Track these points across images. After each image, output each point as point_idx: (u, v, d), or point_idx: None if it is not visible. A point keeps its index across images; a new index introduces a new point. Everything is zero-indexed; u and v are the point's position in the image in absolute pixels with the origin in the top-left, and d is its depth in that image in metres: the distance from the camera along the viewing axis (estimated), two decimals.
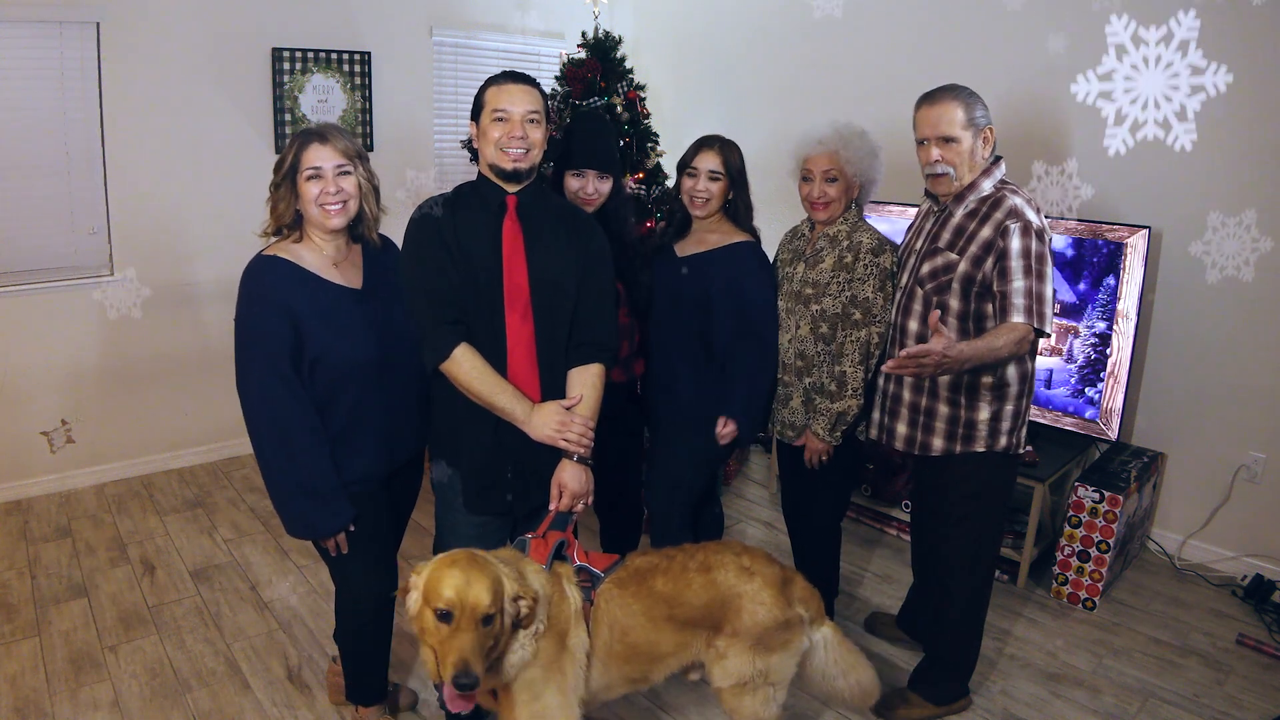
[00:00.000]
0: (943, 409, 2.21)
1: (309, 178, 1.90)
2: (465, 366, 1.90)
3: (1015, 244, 2.03)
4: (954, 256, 2.13)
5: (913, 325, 2.24)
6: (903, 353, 1.88)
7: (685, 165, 2.44)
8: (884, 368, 2.04)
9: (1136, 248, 3.04)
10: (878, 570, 3.28)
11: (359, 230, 2.02)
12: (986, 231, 2.08)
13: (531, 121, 1.92)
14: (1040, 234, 2.06)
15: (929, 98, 2.15)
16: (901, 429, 2.31)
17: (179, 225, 3.83)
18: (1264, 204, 2.94)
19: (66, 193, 3.59)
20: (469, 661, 1.53)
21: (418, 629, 1.66)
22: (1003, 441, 2.20)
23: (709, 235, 2.45)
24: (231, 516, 3.57)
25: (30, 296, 3.54)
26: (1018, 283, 2.03)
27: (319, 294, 1.92)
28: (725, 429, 2.39)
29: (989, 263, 2.07)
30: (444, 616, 1.58)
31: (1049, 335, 2.12)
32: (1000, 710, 2.47)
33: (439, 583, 1.60)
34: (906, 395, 2.28)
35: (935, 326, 1.91)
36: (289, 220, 1.95)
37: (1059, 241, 3.20)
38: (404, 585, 1.68)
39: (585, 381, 1.99)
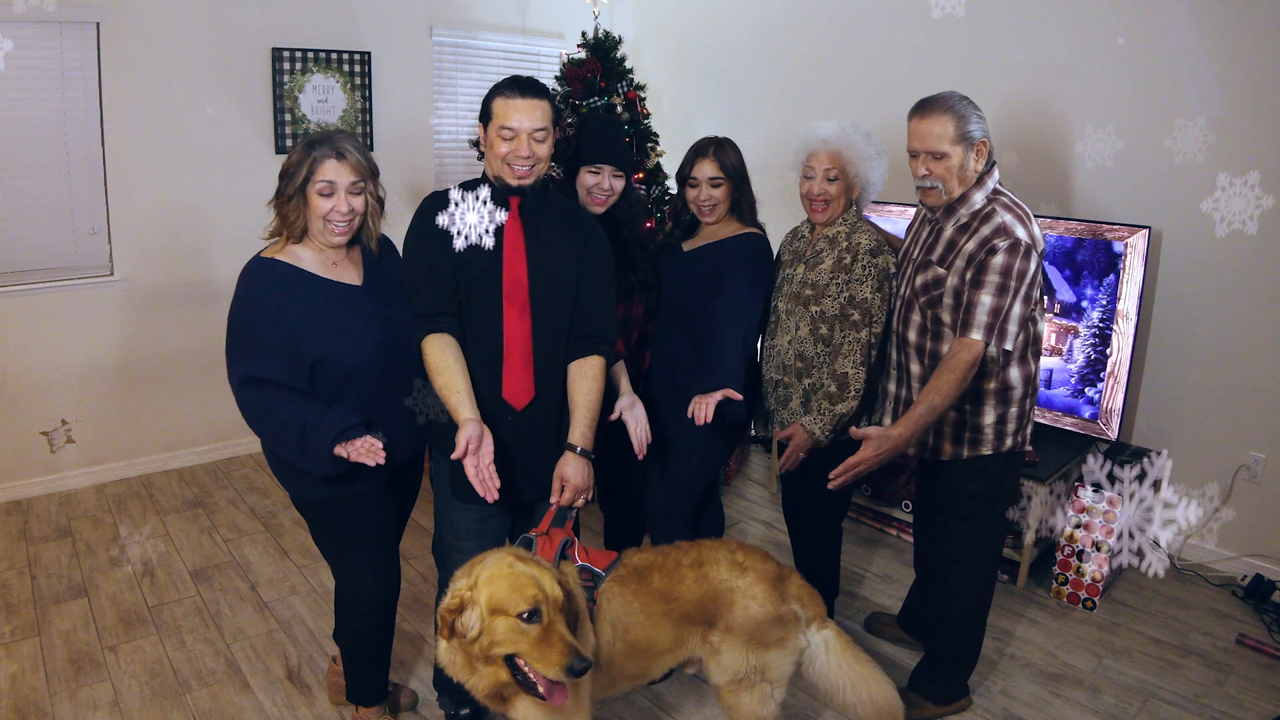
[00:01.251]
0: (951, 413, 2.20)
1: (321, 192, 1.88)
2: (429, 359, 1.90)
3: (998, 260, 2.01)
4: (942, 271, 2.13)
5: (912, 336, 2.24)
6: (839, 473, 2.00)
7: (685, 176, 2.45)
8: (779, 467, 2.17)
9: (1136, 248, 3.04)
10: (878, 570, 3.27)
11: (358, 237, 2.01)
12: (971, 246, 2.07)
13: (538, 139, 1.92)
14: (1028, 252, 2.03)
15: (921, 108, 2.11)
16: None
17: (179, 225, 3.83)
18: None
19: (66, 193, 3.58)
20: (577, 646, 1.52)
21: (483, 645, 1.57)
22: (1009, 443, 2.20)
23: (718, 231, 2.47)
24: (231, 516, 3.57)
25: (30, 296, 3.54)
26: (985, 298, 2.01)
27: (317, 294, 1.92)
28: (699, 408, 2.20)
29: (969, 274, 2.06)
30: (532, 616, 1.55)
31: (1009, 352, 2.09)
32: (1000, 710, 2.47)
33: (513, 586, 1.55)
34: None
35: (857, 434, 1.99)
36: (299, 231, 1.94)
37: (1059, 242, 3.20)
38: (452, 606, 1.59)
39: (587, 374, 1.99)
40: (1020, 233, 2.04)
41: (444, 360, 1.89)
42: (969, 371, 2.00)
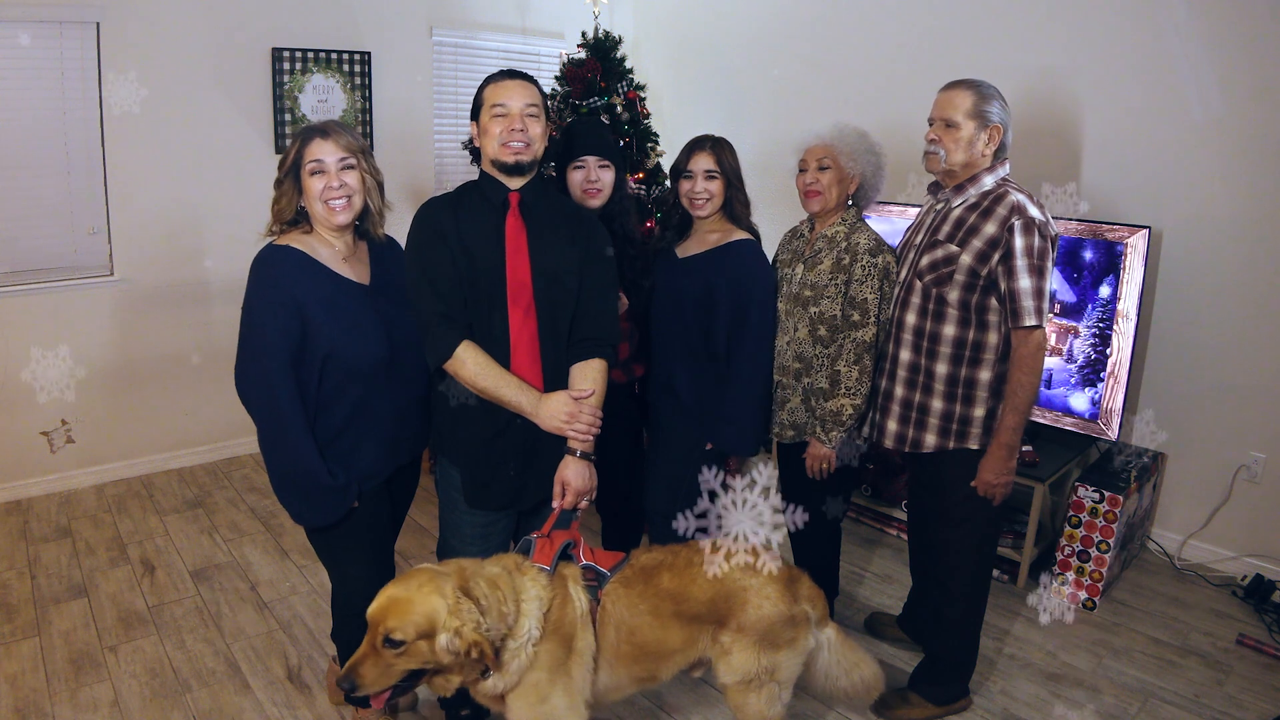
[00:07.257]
0: (937, 404, 2.21)
1: (312, 172, 1.89)
2: (469, 364, 1.90)
3: (1019, 242, 2.05)
4: (955, 249, 2.14)
5: (910, 318, 2.24)
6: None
7: (680, 170, 2.45)
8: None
9: (1136, 248, 3.04)
10: (878, 571, 3.27)
11: (364, 227, 2.02)
12: (991, 228, 2.09)
13: (530, 115, 1.94)
14: (1043, 230, 2.08)
15: (949, 84, 2.20)
16: (892, 426, 2.31)
17: (179, 225, 3.83)
18: None
19: (66, 193, 3.58)
20: (354, 671, 1.61)
21: None
22: None
23: (709, 235, 2.45)
24: (231, 516, 3.57)
25: (30, 296, 3.54)
26: (1025, 282, 2.05)
27: (329, 287, 1.91)
28: (711, 448, 2.42)
29: (994, 258, 2.09)
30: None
31: (1043, 328, 2.14)
32: (1000, 710, 2.47)
33: (381, 591, 1.67)
34: (899, 392, 2.28)
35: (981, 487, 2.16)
36: (289, 216, 1.94)
37: (1060, 242, 3.20)
38: None
39: (589, 376, 1.99)
40: (1034, 212, 2.08)
41: (487, 360, 1.91)
42: (1037, 359, 2.08)
